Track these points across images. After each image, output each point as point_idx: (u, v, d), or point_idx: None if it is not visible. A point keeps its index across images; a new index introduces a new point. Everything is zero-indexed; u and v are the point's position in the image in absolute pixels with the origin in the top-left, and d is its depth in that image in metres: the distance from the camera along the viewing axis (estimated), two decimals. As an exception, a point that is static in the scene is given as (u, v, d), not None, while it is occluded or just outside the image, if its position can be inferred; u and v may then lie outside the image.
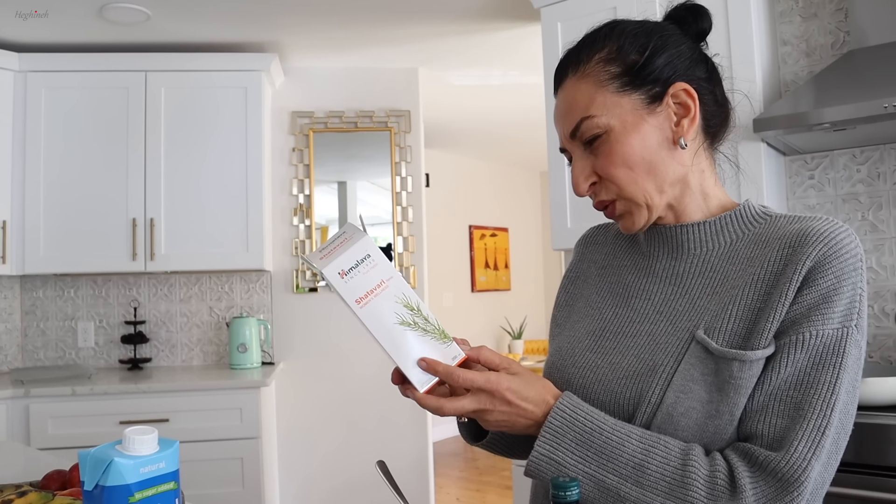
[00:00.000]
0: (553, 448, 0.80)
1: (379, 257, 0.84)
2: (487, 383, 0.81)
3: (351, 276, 0.83)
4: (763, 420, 0.78)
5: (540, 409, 0.82)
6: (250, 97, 3.25)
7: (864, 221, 2.19)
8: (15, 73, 3.14)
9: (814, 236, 0.80)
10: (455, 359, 0.86)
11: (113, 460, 0.71)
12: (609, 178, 0.88)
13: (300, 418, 3.58)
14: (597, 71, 0.88)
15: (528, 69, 3.77)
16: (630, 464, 0.78)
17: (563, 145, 0.93)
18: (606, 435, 0.80)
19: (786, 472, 0.74)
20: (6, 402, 2.77)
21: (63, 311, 3.49)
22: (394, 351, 0.84)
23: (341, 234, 0.86)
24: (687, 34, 0.91)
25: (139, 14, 2.92)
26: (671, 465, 0.77)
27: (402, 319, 0.84)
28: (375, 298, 0.83)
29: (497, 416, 0.83)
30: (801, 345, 0.78)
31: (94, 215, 3.14)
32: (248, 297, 3.58)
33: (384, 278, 0.84)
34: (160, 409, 2.82)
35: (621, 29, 0.89)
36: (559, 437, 0.81)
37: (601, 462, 0.79)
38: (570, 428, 0.81)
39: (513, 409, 0.82)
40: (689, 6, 0.92)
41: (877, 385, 1.68)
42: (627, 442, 0.79)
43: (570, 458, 0.80)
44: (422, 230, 3.75)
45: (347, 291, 0.83)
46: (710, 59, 0.93)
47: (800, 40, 2.30)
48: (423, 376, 0.84)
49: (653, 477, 0.77)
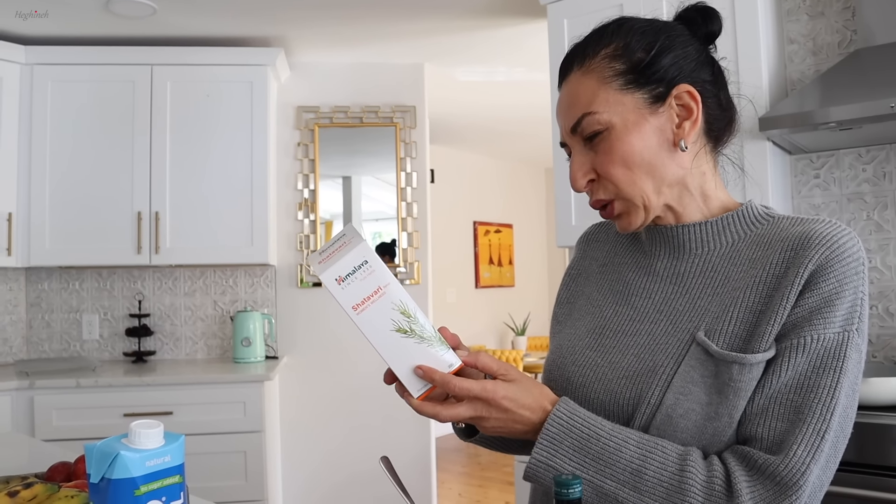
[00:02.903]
0: (550, 454, 0.81)
1: (376, 263, 0.84)
2: (483, 392, 0.81)
3: (348, 283, 0.83)
4: (762, 423, 0.78)
5: (537, 416, 0.83)
6: (256, 92, 3.26)
7: (870, 221, 2.18)
8: (21, 65, 3.15)
9: (816, 239, 0.80)
10: (452, 366, 0.86)
11: (119, 453, 0.71)
12: (607, 176, 0.87)
13: (303, 413, 3.59)
14: (602, 67, 0.87)
15: (534, 66, 3.76)
16: (628, 469, 0.78)
17: (564, 139, 0.92)
18: (604, 441, 0.80)
19: (784, 475, 0.74)
20: (11, 393, 2.79)
21: (68, 304, 3.50)
22: (390, 358, 0.85)
23: (341, 237, 0.87)
24: (696, 35, 0.90)
25: (145, 8, 2.92)
26: (668, 469, 0.77)
27: (399, 326, 0.85)
28: (372, 305, 0.84)
29: (494, 423, 0.83)
30: (803, 349, 0.78)
31: (99, 208, 3.15)
32: (252, 292, 3.59)
33: (381, 285, 0.84)
34: (164, 402, 2.83)
35: (629, 26, 0.89)
36: (556, 443, 0.81)
37: (599, 468, 0.79)
38: (567, 434, 0.81)
39: (509, 416, 0.82)
40: (699, 7, 0.92)
41: (879, 385, 1.68)
42: (625, 447, 0.79)
43: (567, 465, 0.80)
44: (426, 226, 3.75)
45: (344, 298, 0.83)
46: (717, 62, 0.92)
47: (807, 39, 2.29)
48: (418, 383, 0.85)
49: (650, 482, 0.77)
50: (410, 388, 0.85)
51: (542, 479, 0.81)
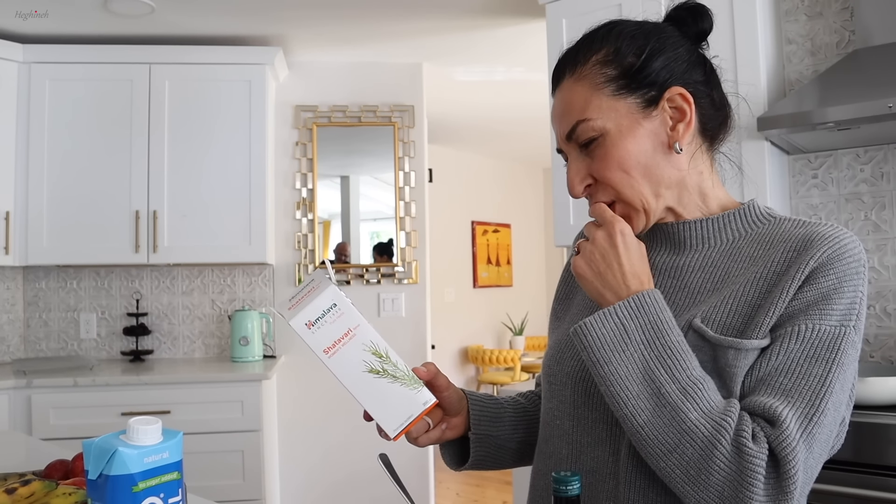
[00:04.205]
0: (629, 316, 0.80)
1: (345, 306, 0.84)
2: (614, 218, 0.85)
3: (318, 327, 0.84)
4: (750, 402, 0.78)
5: (633, 287, 0.82)
6: (254, 91, 3.25)
7: (867, 221, 2.19)
8: (19, 64, 3.14)
9: (818, 240, 0.81)
10: (426, 404, 0.88)
11: (117, 450, 0.71)
12: (605, 181, 0.88)
13: (301, 412, 3.59)
14: (593, 73, 0.87)
15: (533, 65, 3.76)
16: (685, 372, 0.77)
17: (560, 146, 0.93)
18: (679, 341, 0.79)
19: (776, 448, 0.74)
20: (8, 392, 2.78)
21: (65, 303, 3.50)
22: (364, 399, 0.86)
23: (309, 283, 0.88)
24: (686, 36, 0.91)
25: (144, 6, 2.92)
26: (716, 401, 0.77)
27: (371, 367, 0.86)
28: (343, 347, 0.85)
29: (597, 259, 0.84)
30: (796, 336, 0.78)
31: (97, 207, 3.15)
32: (250, 291, 3.58)
33: (351, 327, 0.85)
34: (161, 401, 2.83)
35: (619, 30, 0.89)
36: (640, 311, 0.80)
37: (662, 355, 0.78)
38: (653, 310, 0.80)
39: (618, 260, 0.83)
40: (689, 6, 0.92)
41: (877, 385, 1.68)
42: (692, 360, 0.79)
43: (636, 335, 0.79)
44: (424, 225, 3.75)
45: (315, 342, 0.84)
46: (709, 60, 0.92)
47: (805, 39, 2.29)
48: (395, 421, 0.86)
49: (700, 393, 0.77)
50: (387, 428, 0.87)
51: (593, 338, 0.80)
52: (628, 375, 0.78)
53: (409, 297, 3.69)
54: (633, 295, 0.81)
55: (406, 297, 3.69)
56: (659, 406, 0.77)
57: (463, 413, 1.01)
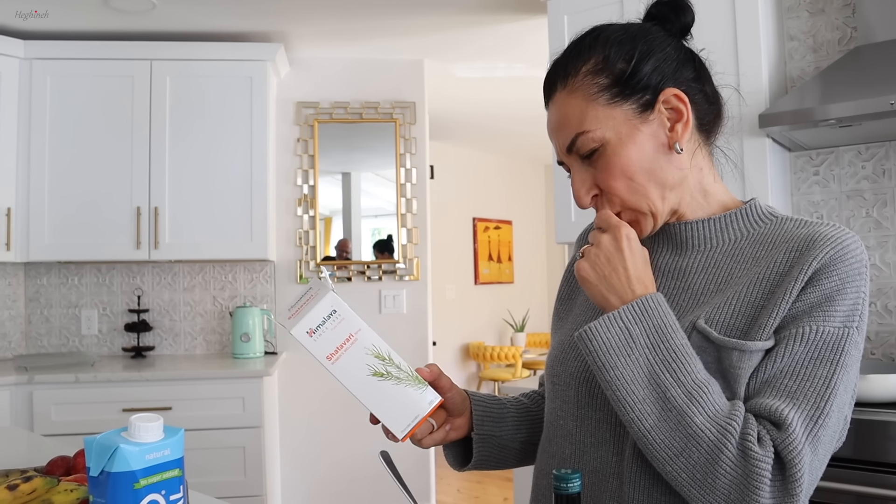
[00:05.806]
0: (633, 320, 0.80)
1: (345, 311, 0.85)
2: (620, 224, 0.85)
3: (319, 334, 0.84)
4: (756, 405, 0.78)
5: (637, 291, 0.82)
6: (255, 87, 3.25)
7: (869, 218, 2.18)
8: (20, 60, 3.14)
9: (821, 241, 0.80)
10: (432, 403, 0.88)
11: (119, 447, 0.71)
12: (610, 190, 0.87)
13: (303, 408, 3.59)
14: (586, 84, 0.87)
15: (534, 62, 3.76)
16: (690, 376, 0.77)
17: (561, 159, 0.92)
18: (684, 344, 0.79)
19: (782, 450, 0.74)
20: (10, 388, 2.79)
21: (67, 299, 3.50)
22: (370, 402, 0.86)
23: (308, 291, 0.88)
24: (671, 33, 0.90)
25: (145, 2, 2.92)
26: (721, 403, 0.77)
27: (375, 370, 0.86)
28: (346, 353, 0.85)
29: (602, 262, 0.84)
30: (801, 337, 0.78)
31: (98, 203, 3.15)
32: (251, 287, 3.59)
33: (352, 331, 0.85)
34: (163, 397, 2.83)
35: (605, 37, 0.89)
36: (645, 315, 0.80)
37: (667, 359, 0.78)
38: (657, 314, 0.80)
39: (622, 264, 0.83)
40: (668, 2, 0.91)
41: (878, 382, 1.68)
42: (696, 363, 0.78)
43: (641, 339, 0.79)
44: (426, 222, 3.75)
45: (317, 349, 0.84)
46: (697, 55, 0.92)
47: (807, 35, 2.29)
48: (402, 423, 0.87)
49: (705, 397, 0.77)
50: (394, 430, 0.87)
51: (598, 342, 0.80)
52: (634, 380, 0.78)
53: (411, 294, 3.69)
54: (637, 299, 0.81)
55: (407, 294, 3.69)
56: (664, 410, 0.77)
57: (466, 414, 1.01)
